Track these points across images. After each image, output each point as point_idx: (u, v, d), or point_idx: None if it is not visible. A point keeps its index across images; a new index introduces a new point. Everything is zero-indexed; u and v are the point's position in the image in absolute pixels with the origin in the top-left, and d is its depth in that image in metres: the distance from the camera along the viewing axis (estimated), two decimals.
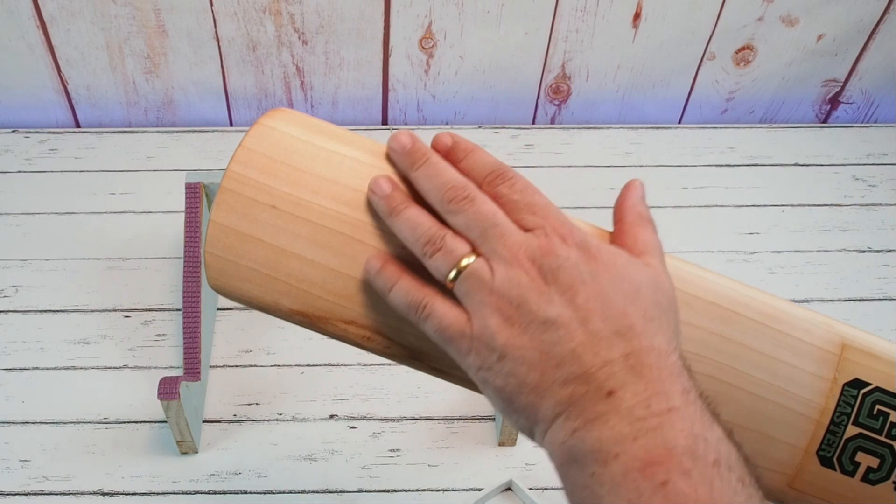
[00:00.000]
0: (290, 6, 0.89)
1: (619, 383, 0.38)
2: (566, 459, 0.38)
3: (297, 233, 0.43)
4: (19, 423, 0.74)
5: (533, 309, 0.39)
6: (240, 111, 0.99)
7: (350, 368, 0.78)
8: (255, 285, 0.43)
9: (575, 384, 0.38)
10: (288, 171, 0.43)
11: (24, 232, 0.87)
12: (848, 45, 0.96)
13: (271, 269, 0.43)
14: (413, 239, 0.42)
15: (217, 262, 0.43)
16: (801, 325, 0.44)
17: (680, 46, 0.95)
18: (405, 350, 0.44)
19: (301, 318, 0.44)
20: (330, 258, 0.43)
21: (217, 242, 0.43)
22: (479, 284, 0.40)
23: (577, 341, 0.38)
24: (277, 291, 0.43)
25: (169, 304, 0.82)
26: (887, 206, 0.93)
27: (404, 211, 0.42)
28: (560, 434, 0.38)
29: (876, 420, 0.43)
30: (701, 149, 0.98)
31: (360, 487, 0.71)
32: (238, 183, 0.43)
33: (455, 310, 0.41)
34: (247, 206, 0.43)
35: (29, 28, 0.89)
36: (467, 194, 0.41)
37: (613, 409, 0.37)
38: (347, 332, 0.44)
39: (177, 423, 0.68)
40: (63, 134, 0.96)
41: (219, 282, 0.44)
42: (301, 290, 0.43)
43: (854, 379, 0.43)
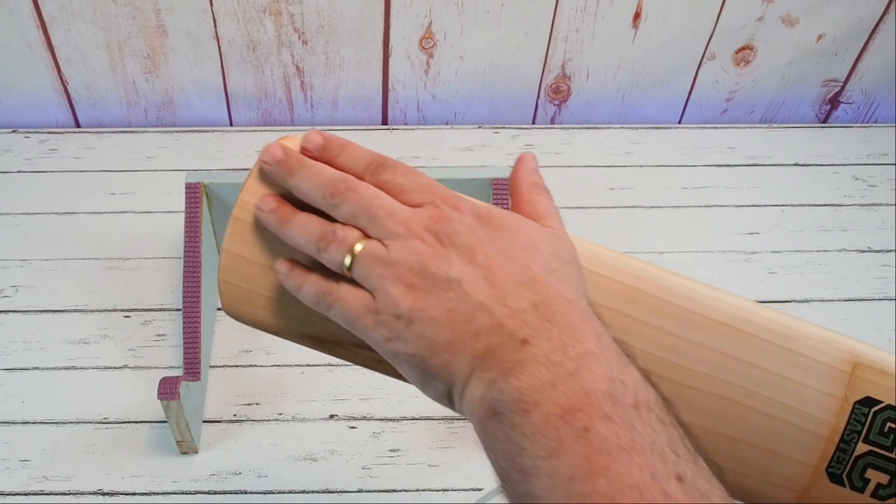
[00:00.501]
0: (290, 6, 0.89)
1: (532, 331, 0.38)
2: (486, 414, 0.38)
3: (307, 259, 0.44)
4: (19, 423, 0.74)
5: (434, 271, 0.39)
6: (240, 111, 0.99)
7: (350, 368, 0.78)
8: (267, 311, 0.45)
9: (488, 336, 0.38)
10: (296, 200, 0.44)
11: (24, 232, 0.87)
12: (848, 45, 0.96)
13: (283, 295, 0.44)
14: (305, 241, 0.42)
15: (231, 290, 0.45)
16: (813, 343, 0.44)
17: (680, 46, 0.95)
18: None
19: (313, 343, 0.45)
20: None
21: (230, 270, 0.45)
22: (376, 262, 0.40)
23: (484, 295, 0.38)
24: (290, 317, 0.45)
25: (169, 304, 0.82)
26: (887, 206, 0.93)
27: (292, 219, 0.43)
28: (478, 389, 0.38)
29: (887, 438, 0.43)
30: (701, 149, 0.98)
31: (360, 487, 0.71)
32: (248, 212, 0.44)
33: (358, 291, 0.41)
34: (257, 235, 0.44)
35: (29, 28, 0.89)
36: (348, 185, 0.42)
37: (530, 357, 0.37)
38: (358, 356, 0.45)
39: (177, 423, 0.68)
40: (63, 134, 0.96)
41: (232, 308, 0.46)
42: (312, 315, 0.44)
43: (865, 397, 0.44)
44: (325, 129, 0.98)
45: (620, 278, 0.45)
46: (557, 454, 0.35)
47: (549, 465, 0.35)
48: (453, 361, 0.39)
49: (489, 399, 0.37)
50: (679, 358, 0.44)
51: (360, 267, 0.40)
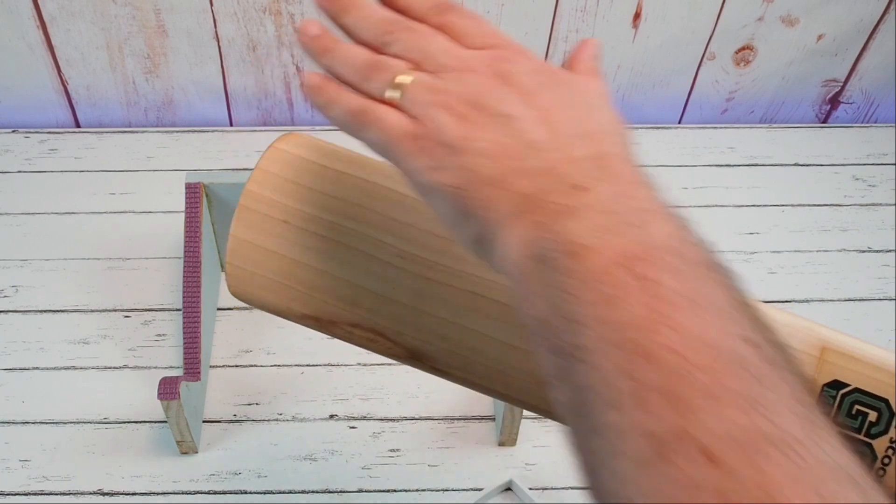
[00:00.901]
0: (290, 6, 0.89)
1: (592, 179, 0.34)
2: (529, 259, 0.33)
3: (307, 245, 0.46)
4: (19, 423, 0.74)
5: (488, 103, 0.36)
6: (240, 111, 0.99)
7: (350, 368, 0.78)
8: (270, 292, 0.47)
9: (538, 177, 0.34)
10: (298, 189, 0.47)
11: (24, 232, 0.87)
12: (848, 45, 0.96)
13: (284, 278, 0.47)
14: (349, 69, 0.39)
15: (236, 272, 0.47)
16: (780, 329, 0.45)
17: (680, 46, 0.95)
18: (406, 351, 0.47)
19: (312, 322, 0.47)
20: (336, 268, 0.46)
21: (236, 254, 0.47)
22: (426, 89, 0.36)
23: (539, 136, 0.35)
24: (290, 298, 0.47)
25: (169, 304, 0.82)
26: (887, 206, 0.93)
27: (336, 48, 0.40)
28: (521, 230, 0.34)
29: (855, 420, 0.44)
30: (701, 149, 0.98)
31: (360, 487, 0.71)
32: (254, 200, 0.47)
33: (401, 115, 0.37)
34: (261, 221, 0.47)
35: (29, 28, 0.89)
36: (405, 25, 0.39)
37: (585, 204, 0.33)
38: (353, 335, 0.47)
39: (177, 423, 0.68)
40: (63, 134, 0.96)
41: (238, 289, 0.48)
42: (311, 297, 0.47)
43: (833, 380, 0.44)
44: (326, 130, 0.98)
45: None
46: (616, 302, 0.30)
47: (605, 314, 0.30)
48: (497, 198, 0.35)
49: (535, 241, 0.33)
50: None
51: (410, 94, 0.37)
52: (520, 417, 0.70)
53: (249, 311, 0.81)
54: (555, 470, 0.72)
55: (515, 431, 0.72)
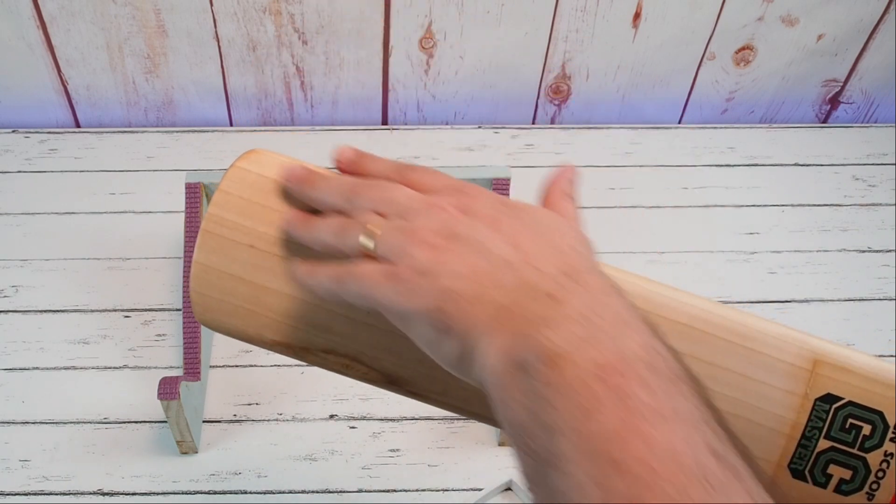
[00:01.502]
0: (290, 6, 0.89)
1: (563, 291, 0.36)
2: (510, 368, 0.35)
3: (275, 269, 0.45)
4: (19, 423, 0.74)
5: (458, 231, 0.38)
6: (240, 111, 0.99)
7: None
8: (238, 319, 0.46)
9: (514, 290, 0.36)
10: (263, 211, 0.45)
11: (24, 232, 0.87)
12: (848, 45, 0.96)
13: (253, 305, 0.45)
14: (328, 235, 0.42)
15: (202, 300, 0.46)
16: (773, 342, 0.45)
17: (680, 46, 0.95)
18: (382, 376, 0.46)
19: (283, 349, 0.46)
20: (307, 293, 0.44)
21: (201, 281, 0.46)
22: (398, 232, 0.39)
23: (510, 255, 0.37)
24: (260, 325, 0.46)
25: (169, 304, 0.82)
26: (887, 206, 0.93)
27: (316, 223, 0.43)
28: (502, 340, 0.36)
29: (848, 434, 0.44)
30: (701, 149, 0.98)
31: (360, 487, 0.71)
32: (217, 224, 0.45)
33: (376, 263, 0.39)
34: (226, 247, 0.45)
35: (29, 28, 0.89)
36: (370, 183, 0.42)
37: (561, 314, 0.35)
38: (327, 361, 0.46)
39: (177, 423, 0.68)
40: (63, 134, 0.96)
41: (205, 317, 0.46)
42: (281, 323, 0.45)
43: (826, 394, 0.44)
44: (325, 129, 0.98)
45: None
46: (591, 414, 0.32)
47: (580, 425, 0.32)
48: (475, 312, 0.36)
49: (515, 349, 0.35)
50: None
51: (381, 241, 0.39)
52: None
53: None
54: None
55: None
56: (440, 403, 0.47)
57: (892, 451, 0.43)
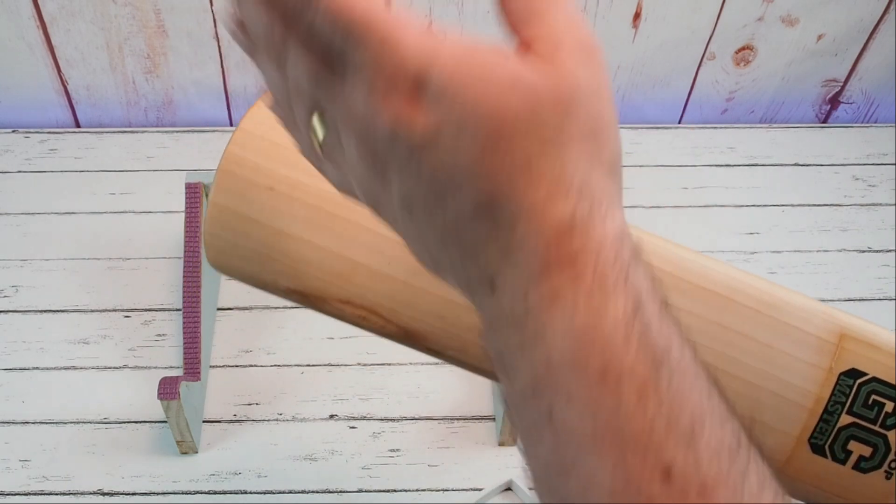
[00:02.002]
0: None
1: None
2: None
3: (294, 214, 0.43)
4: (19, 423, 0.74)
5: None
6: (240, 111, 0.99)
7: (350, 368, 0.78)
8: (253, 264, 0.44)
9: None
10: (284, 152, 0.42)
11: (24, 232, 0.87)
12: (848, 45, 0.96)
13: (269, 249, 0.43)
14: None
15: (216, 242, 0.44)
16: (800, 314, 0.44)
17: (680, 46, 0.95)
18: (400, 330, 0.44)
19: (298, 297, 0.44)
20: (326, 239, 0.43)
21: (216, 223, 0.43)
22: None
23: None
24: (275, 271, 0.44)
25: (169, 304, 0.82)
26: (887, 206, 0.93)
27: None
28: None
29: (871, 410, 0.43)
30: (701, 149, 0.98)
31: (360, 487, 0.71)
32: (236, 165, 0.43)
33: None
34: (245, 188, 0.43)
35: (29, 28, 0.89)
36: None
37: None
38: (344, 312, 0.44)
39: (177, 423, 0.68)
40: (63, 134, 0.96)
41: (218, 261, 0.44)
42: (298, 270, 0.43)
43: (851, 369, 0.43)
44: None
45: None
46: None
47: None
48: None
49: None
50: None
51: None
52: None
53: (249, 311, 0.81)
54: None
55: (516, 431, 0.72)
56: (457, 361, 0.45)
57: None
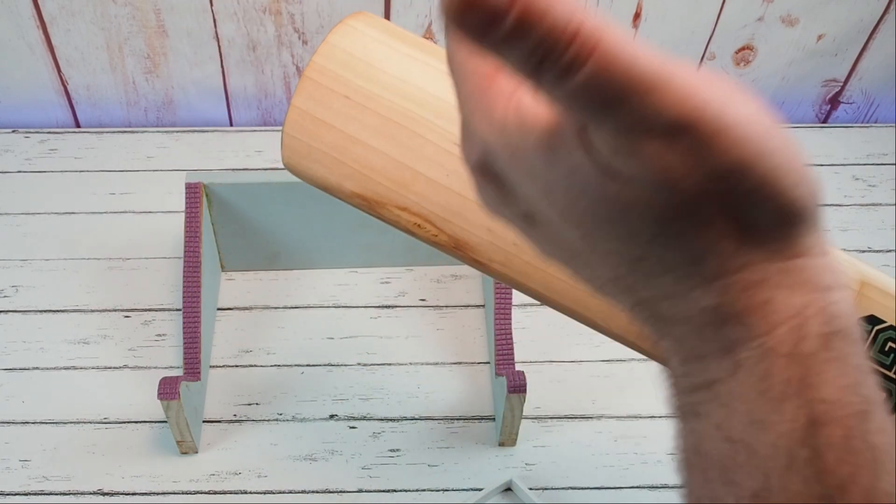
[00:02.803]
0: (290, 6, 0.89)
1: None
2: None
3: (366, 122, 0.46)
4: (19, 423, 0.74)
5: None
6: (240, 111, 0.99)
7: (350, 368, 0.78)
8: (323, 167, 0.47)
9: None
10: (363, 66, 0.47)
11: (24, 232, 0.87)
12: (848, 45, 0.96)
13: (339, 153, 0.47)
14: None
15: (292, 143, 0.47)
16: None
17: (680, 46, 0.95)
18: (451, 240, 0.47)
19: (360, 201, 0.48)
20: (392, 148, 0.46)
21: (294, 125, 0.47)
22: None
23: None
24: (343, 174, 0.47)
25: (169, 304, 0.82)
26: (887, 206, 0.93)
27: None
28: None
29: (887, 356, 0.44)
30: None
31: (360, 487, 0.71)
32: (318, 73, 0.47)
33: None
34: (323, 94, 0.47)
35: (29, 28, 0.89)
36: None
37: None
38: (400, 218, 0.47)
39: (177, 423, 0.68)
40: (63, 134, 0.96)
41: (291, 160, 0.48)
42: (364, 175, 0.47)
43: (869, 315, 0.44)
44: None
45: None
46: None
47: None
48: None
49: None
50: None
51: None
52: (520, 417, 0.70)
53: (249, 311, 0.81)
54: (555, 470, 0.72)
55: (515, 431, 0.72)
56: (500, 275, 0.48)
57: None
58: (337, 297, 0.82)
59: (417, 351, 0.79)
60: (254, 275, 0.84)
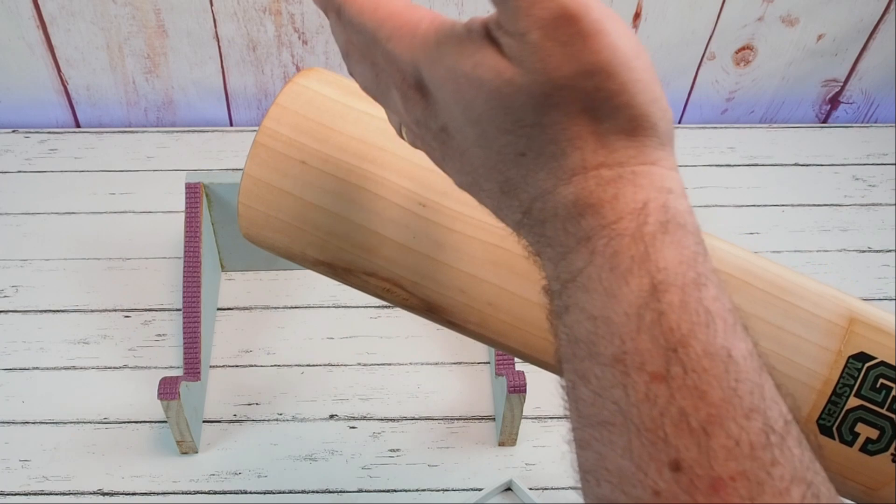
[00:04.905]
0: (290, 6, 0.89)
1: None
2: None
3: (325, 187, 0.44)
4: (19, 423, 0.74)
5: None
6: (240, 111, 0.99)
7: (350, 368, 0.78)
8: (284, 235, 0.46)
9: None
10: (318, 128, 0.45)
11: (24, 232, 0.87)
12: (848, 45, 0.96)
13: (300, 222, 0.45)
14: None
15: (249, 213, 0.46)
16: (811, 297, 0.45)
17: (680, 46, 0.95)
18: (423, 303, 0.46)
19: (326, 269, 0.46)
20: (355, 213, 0.45)
21: (249, 194, 0.46)
22: None
23: None
24: (305, 242, 0.45)
25: (169, 304, 0.82)
26: (887, 206, 0.93)
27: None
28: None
29: (878, 393, 0.44)
30: (701, 149, 0.98)
31: (360, 487, 0.71)
32: (271, 138, 0.45)
33: None
34: (278, 161, 0.45)
35: (29, 28, 0.89)
36: None
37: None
38: (368, 284, 0.46)
39: (177, 423, 0.68)
40: (63, 134, 0.96)
41: (250, 231, 0.46)
42: (327, 243, 0.45)
43: (860, 352, 0.44)
44: None
45: None
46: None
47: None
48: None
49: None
50: None
51: None
52: (520, 417, 0.70)
53: (249, 311, 0.81)
54: (555, 470, 0.72)
55: (515, 431, 0.72)
56: (477, 335, 0.47)
57: None
58: (337, 297, 0.82)
59: (417, 351, 0.79)
60: (254, 275, 0.84)
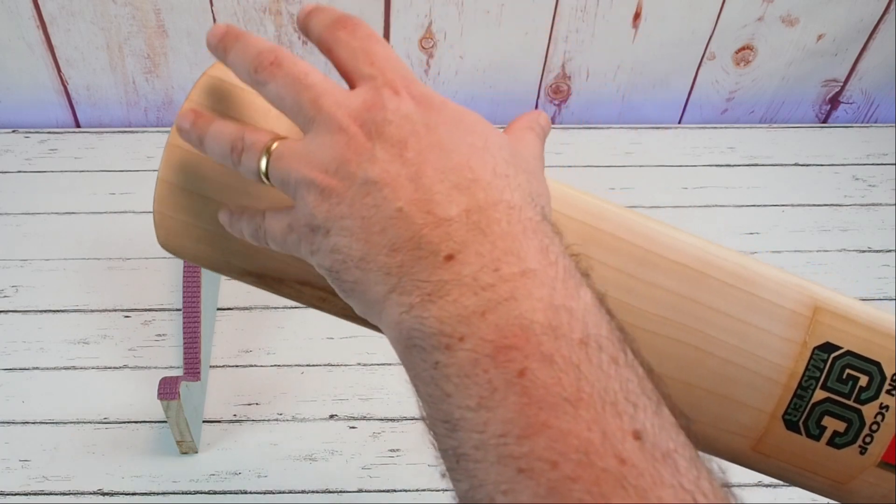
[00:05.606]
0: (290, 6, 0.89)
1: (460, 244, 0.31)
2: (406, 345, 0.32)
3: (247, 190, 0.41)
4: (19, 423, 0.74)
5: (352, 171, 0.33)
6: None
7: (350, 368, 0.78)
8: (206, 245, 0.42)
9: (404, 251, 0.32)
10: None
11: (24, 232, 0.87)
12: (848, 45, 0.96)
13: (222, 228, 0.41)
14: (221, 154, 0.37)
15: (166, 222, 0.42)
16: (773, 286, 0.43)
17: (680, 46, 0.95)
18: None
19: (255, 280, 0.43)
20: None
21: (165, 201, 0.42)
22: (291, 162, 0.35)
23: (405, 199, 0.32)
24: (230, 251, 0.42)
25: (169, 304, 0.82)
26: (887, 206, 0.93)
27: (208, 129, 0.38)
28: (394, 313, 0.32)
29: (845, 385, 0.42)
30: (701, 149, 0.98)
31: (360, 487, 0.71)
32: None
33: (280, 213, 0.36)
34: (194, 163, 0.41)
35: (29, 28, 0.89)
36: (274, 58, 0.36)
37: (454, 278, 0.31)
38: (302, 294, 0.43)
39: (177, 423, 0.68)
40: (63, 134, 0.96)
41: (168, 241, 0.43)
42: (253, 250, 0.42)
43: (825, 343, 0.42)
44: None
45: (576, 216, 0.43)
46: (488, 405, 0.29)
47: (478, 418, 0.29)
48: (365, 279, 0.33)
49: (407, 328, 0.32)
50: (635, 299, 0.42)
51: (276, 170, 0.35)
52: None
53: (249, 311, 0.81)
54: None
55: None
56: None
57: (887, 403, 0.42)
58: None
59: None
60: None
